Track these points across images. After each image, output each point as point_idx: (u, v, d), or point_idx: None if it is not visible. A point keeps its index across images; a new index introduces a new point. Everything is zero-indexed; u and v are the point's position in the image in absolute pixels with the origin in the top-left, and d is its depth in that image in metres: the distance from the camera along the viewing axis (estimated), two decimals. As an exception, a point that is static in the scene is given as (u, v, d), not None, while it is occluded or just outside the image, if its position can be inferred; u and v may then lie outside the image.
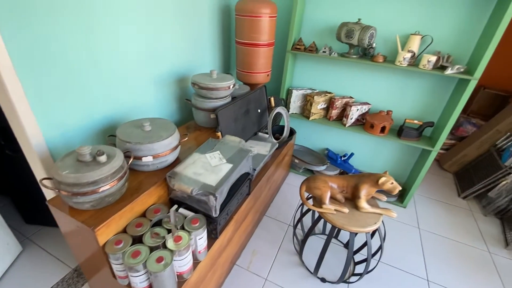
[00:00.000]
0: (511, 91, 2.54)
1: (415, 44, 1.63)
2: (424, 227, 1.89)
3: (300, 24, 1.94)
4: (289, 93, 2.10)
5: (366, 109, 1.96)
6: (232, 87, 1.50)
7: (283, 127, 1.95)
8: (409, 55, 1.60)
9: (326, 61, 2.01)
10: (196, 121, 1.60)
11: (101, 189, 0.83)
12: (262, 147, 1.65)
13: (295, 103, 2.12)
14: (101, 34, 1.10)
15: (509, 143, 2.15)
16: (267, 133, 1.79)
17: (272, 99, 1.92)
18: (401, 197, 2.08)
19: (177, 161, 1.19)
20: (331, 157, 2.29)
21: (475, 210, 2.11)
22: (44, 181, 0.99)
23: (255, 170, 1.42)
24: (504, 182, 2.00)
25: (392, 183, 1.22)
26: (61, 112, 1.05)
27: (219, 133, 1.37)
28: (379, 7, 1.71)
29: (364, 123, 1.96)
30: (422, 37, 1.64)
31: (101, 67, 1.14)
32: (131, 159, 0.98)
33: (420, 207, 2.08)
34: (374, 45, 1.74)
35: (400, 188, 1.22)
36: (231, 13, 1.97)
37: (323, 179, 1.33)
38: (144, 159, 1.02)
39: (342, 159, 2.25)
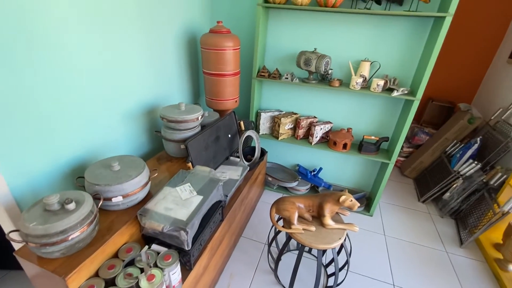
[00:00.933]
0: (455, 103, 2.85)
1: (365, 69, 1.82)
2: (389, 234, 2.04)
3: (263, 52, 2.08)
4: (258, 115, 2.22)
5: (329, 128, 2.12)
6: (201, 117, 1.57)
7: (255, 147, 2.04)
8: (361, 79, 1.78)
9: (290, 85, 2.15)
10: (167, 152, 1.64)
11: (70, 237, 0.85)
12: (234, 172, 1.72)
13: (264, 124, 2.23)
14: (64, 74, 1.12)
15: (456, 150, 2.40)
16: (238, 157, 1.87)
17: (241, 123, 2.01)
18: (368, 206, 2.24)
19: (148, 196, 1.22)
20: (302, 173, 2.41)
21: (433, 212, 2.32)
22: (11, 234, 0.98)
23: (227, 196, 1.48)
24: (454, 186, 2.24)
25: (351, 200, 1.34)
26: (26, 159, 1.05)
27: (189, 164, 1.42)
28: (332, 37, 1.89)
29: (328, 140, 2.11)
30: (371, 63, 1.84)
31: (65, 108, 1.16)
32: (101, 201, 1.01)
33: (385, 214, 2.24)
34: (330, 71, 1.91)
35: (359, 205, 1.34)
36: (198, 44, 2.07)
37: (291, 201, 1.42)
38: (114, 199, 1.05)
39: (312, 174, 2.38)
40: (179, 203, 1.13)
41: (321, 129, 2.09)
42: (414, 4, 1.64)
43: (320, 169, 2.37)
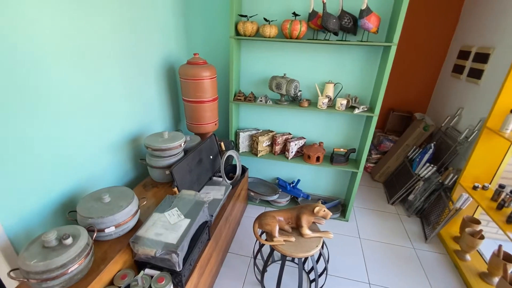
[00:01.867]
0: (412, 113, 3.19)
1: (330, 90, 2.04)
2: (363, 236, 2.23)
3: (239, 78, 2.25)
4: (237, 135, 2.36)
5: (302, 143, 2.31)
6: (183, 144, 1.68)
7: (236, 165, 2.17)
8: (326, 99, 1.99)
9: (265, 106, 2.33)
10: (152, 178, 1.72)
11: (70, 270, 0.92)
12: (218, 191, 1.84)
13: (243, 143, 2.38)
14: (50, 111, 1.20)
15: (416, 155, 2.69)
16: (221, 177, 1.99)
17: (222, 143, 2.14)
18: (343, 212, 2.43)
19: (139, 223, 1.31)
20: (282, 185, 2.57)
21: (401, 213, 2.56)
22: (12, 273, 1.02)
23: (212, 216, 1.59)
24: (417, 187, 2.50)
25: (324, 210, 1.50)
26: (17, 198, 1.10)
27: (175, 189, 1.52)
28: (300, 63, 2.11)
29: (303, 154, 2.30)
30: (334, 85, 2.07)
31: (53, 145, 1.23)
32: (95, 233, 1.09)
33: (360, 218, 2.45)
34: (299, 93, 2.12)
35: (331, 214, 1.51)
36: (176, 74, 2.19)
37: (271, 215, 1.56)
38: (107, 230, 1.13)
39: (291, 185, 2.55)
40: (168, 227, 1.23)
41: (295, 144, 2.27)
42: (366, 34, 1.90)
43: (298, 180, 2.55)
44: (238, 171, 2.14)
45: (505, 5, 2.16)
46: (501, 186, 1.84)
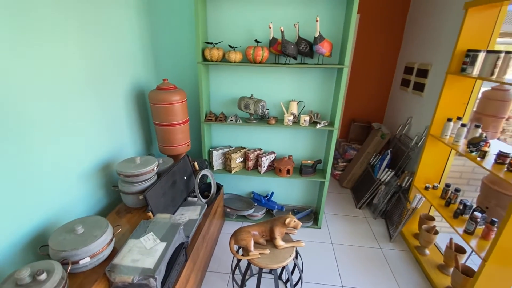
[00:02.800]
0: (370, 122, 3.50)
1: (294, 108, 2.21)
2: (335, 241, 2.38)
3: (209, 99, 2.35)
4: (210, 154, 2.43)
5: (273, 157, 2.45)
6: (156, 167, 1.73)
7: (211, 183, 2.23)
8: (291, 116, 2.16)
9: (236, 125, 2.44)
10: (125, 204, 1.73)
11: (44, 306, 0.93)
12: (193, 212, 1.88)
13: (217, 161, 2.46)
14: (18, 144, 1.20)
15: (376, 161, 2.95)
16: (196, 196, 2.03)
17: (195, 163, 2.20)
18: (316, 220, 2.57)
19: (114, 251, 1.32)
20: (257, 199, 2.66)
21: (368, 216, 2.76)
22: None
23: (188, 237, 1.63)
24: (380, 191, 2.73)
25: (294, 221, 1.62)
26: (-16, 238, 1.08)
27: (150, 213, 1.55)
28: (265, 84, 2.27)
29: (274, 168, 2.43)
30: (298, 102, 2.24)
31: (20, 180, 1.22)
32: (69, 266, 1.09)
33: (331, 225, 2.60)
34: (266, 111, 2.26)
35: (301, 224, 1.62)
36: (146, 98, 2.24)
37: (246, 230, 1.64)
38: (81, 261, 1.14)
39: (266, 198, 2.65)
40: (144, 253, 1.26)
41: (267, 159, 2.39)
42: (321, 57, 2.12)
43: (272, 193, 2.66)
44: (213, 189, 2.20)
45: (435, 24, 2.53)
46: (447, 185, 2.10)
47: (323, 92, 2.24)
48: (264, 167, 2.40)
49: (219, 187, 2.31)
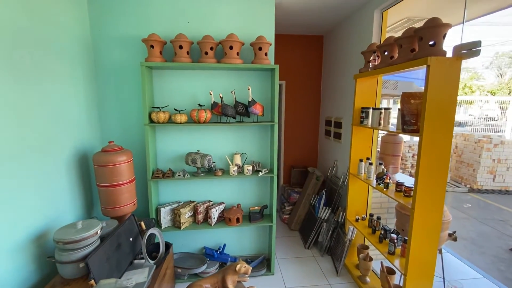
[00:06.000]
0: (307, 167, 3.99)
1: (238, 159, 2.46)
2: (288, 285, 2.45)
3: (155, 157, 2.45)
4: (158, 211, 2.42)
5: (223, 207, 2.56)
6: (100, 230, 1.67)
7: (159, 243, 2.16)
8: (236, 167, 2.39)
9: (184, 179, 2.55)
10: (62, 275, 1.57)
11: None
12: (141, 274, 1.79)
13: (165, 218, 2.43)
14: None
15: (315, 201, 3.30)
16: (143, 258, 1.95)
17: (142, 223, 2.15)
18: (269, 266, 2.64)
19: (47, 332, 1.18)
20: (209, 254, 2.62)
21: (316, 254, 2.95)
22: None
23: (136, 302, 1.54)
24: (322, 228, 3.00)
25: (245, 266, 1.71)
26: None
27: (92, 281, 1.45)
28: (210, 140, 2.51)
29: (224, 218, 2.52)
30: (241, 154, 2.52)
31: None
32: None
33: (283, 269, 2.69)
34: (213, 164, 2.46)
35: (251, 268, 1.71)
36: (89, 161, 2.22)
37: (198, 285, 1.64)
38: None
39: (218, 252, 2.64)
40: (87, 324, 1.17)
41: (216, 210, 2.49)
42: (256, 117, 2.51)
43: (224, 245, 2.67)
44: (162, 248, 2.14)
45: (340, 88, 3.27)
46: (371, 215, 2.49)
47: (261, 144, 2.58)
48: (214, 218, 2.47)
49: (168, 245, 2.25)
